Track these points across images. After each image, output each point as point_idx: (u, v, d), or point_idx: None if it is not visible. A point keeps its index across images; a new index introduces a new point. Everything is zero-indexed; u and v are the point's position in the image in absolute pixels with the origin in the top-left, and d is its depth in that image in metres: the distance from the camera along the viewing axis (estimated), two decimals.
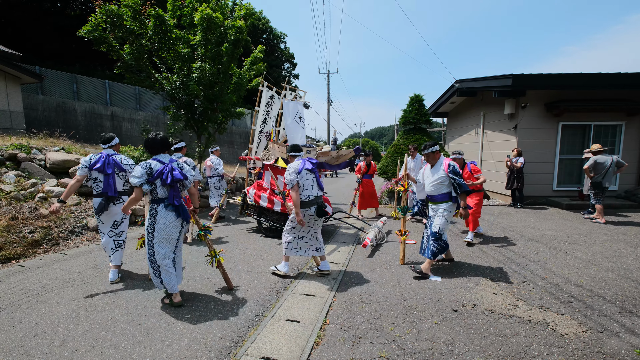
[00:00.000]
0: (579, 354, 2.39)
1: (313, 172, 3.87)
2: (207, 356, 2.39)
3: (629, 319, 2.87)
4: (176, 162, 3.12)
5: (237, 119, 10.88)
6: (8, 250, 4.45)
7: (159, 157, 3.06)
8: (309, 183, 3.82)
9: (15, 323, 2.82)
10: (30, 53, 16.62)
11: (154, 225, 3.01)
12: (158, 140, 3.07)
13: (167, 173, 2.95)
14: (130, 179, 2.95)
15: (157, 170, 2.94)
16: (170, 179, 2.95)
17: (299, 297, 3.37)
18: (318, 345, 2.54)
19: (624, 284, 3.58)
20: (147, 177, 2.92)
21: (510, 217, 7.19)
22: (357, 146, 6.32)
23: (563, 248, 4.92)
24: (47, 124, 12.18)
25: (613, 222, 6.59)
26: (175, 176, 2.99)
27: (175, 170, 3.02)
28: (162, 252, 3.05)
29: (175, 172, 3.01)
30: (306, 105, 7.22)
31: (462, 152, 4.52)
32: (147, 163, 2.96)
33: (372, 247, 5.07)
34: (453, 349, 2.46)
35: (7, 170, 6.21)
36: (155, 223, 3.01)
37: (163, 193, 3.01)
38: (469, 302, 3.20)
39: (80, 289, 3.50)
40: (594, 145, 6.86)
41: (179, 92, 8.54)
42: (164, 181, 2.94)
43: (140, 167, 2.93)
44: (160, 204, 3.01)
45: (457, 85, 10.24)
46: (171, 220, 3.03)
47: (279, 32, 33.29)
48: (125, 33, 7.81)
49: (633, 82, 7.98)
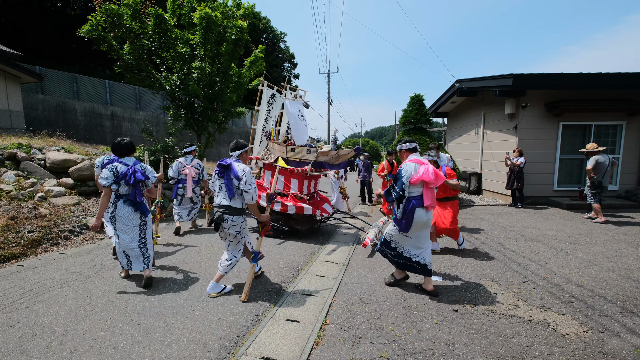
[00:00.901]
0: (580, 354, 2.38)
1: (222, 176, 3.28)
2: (206, 356, 2.38)
3: (630, 319, 2.86)
4: (140, 165, 3.54)
5: (237, 118, 10.88)
6: (7, 249, 4.44)
7: (125, 160, 3.50)
8: (215, 188, 3.38)
9: (14, 323, 2.81)
10: (30, 53, 16.62)
11: (115, 216, 3.47)
12: (123, 144, 3.51)
13: (130, 175, 3.39)
14: (99, 180, 3.38)
15: (122, 172, 3.37)
16: (132, 179, 3.39)
17: (299, 297, 3.36)
18: (318, 345, 2.53)
19: (625, 284, 3.57)
20: (114, 178, 3.33)
21: (510, 217, 7.18)
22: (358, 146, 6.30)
23: (564, 248, 4.91)
24: (47, 123, 12.18)
25: (613, 222, 6.58)
26: (137, 177, 3.42)
27: (137, 172, 3.44)
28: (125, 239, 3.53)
29: (137, 174, 3.43)
30: (306, 105, 7.21)
31: (434, 154, 3.99)
32: (114, 166, 3.37)
33: (372, 247, 5.06)
34: (454, 349, 2.45)
35: (6, 170, 6.20)
36: (115, 214, 3.47)
37: (125, 191, 3.45)
38: (469, 302, 3.18)
39: (79, 289, 3.49)
40: (590, 144, 6.84)
41: (178, 92, 8.53)
42: (127, 181, 3.39)
43: (108, 170, 3.34)
44: (120, 199, 3.46)
45: (458, 85, 10.23)
46: (128, 213, 3.47)
47: (279, 31, 33.31)
48: (125, 32, 7.80)
49: (633, 82, 7.97)
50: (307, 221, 5.80)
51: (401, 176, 3.27)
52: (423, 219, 3.25)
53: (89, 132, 14.17)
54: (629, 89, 8.23)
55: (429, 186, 3.25)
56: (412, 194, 3.29)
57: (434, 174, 3.19)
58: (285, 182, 5.72)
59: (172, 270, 4.08)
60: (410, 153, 3.47)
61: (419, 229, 3.31)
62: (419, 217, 3.23)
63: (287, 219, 5.71)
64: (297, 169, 5.51)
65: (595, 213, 6.66)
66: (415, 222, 3.24)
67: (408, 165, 3.29)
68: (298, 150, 5.70)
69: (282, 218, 5.71)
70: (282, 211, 5.46)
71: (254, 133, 7.59)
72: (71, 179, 6.59)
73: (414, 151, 3.48)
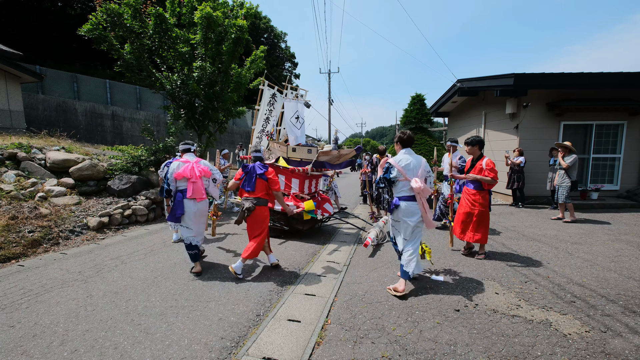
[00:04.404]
0: (582, 354, 2.37)
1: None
2: (207, 356, 2.37)
3: (632, 318, 2.85)
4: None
5: (238, 118, 10.87)
6: (8, 249, 4.43)
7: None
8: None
9: (14, 323, 2.80)
10: (30, 52, 16.62)
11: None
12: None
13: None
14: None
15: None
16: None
17: (300, 297, 3.35)
18: (319, 345, 2.53)
19: (626, 284, 3.56)
20: None
21: (511, 217, 7.17)
22: (359, 145, 6.27)
23: (565, 248, 4.90)
24: (47, 123, 12.18)
25: (614, 222, 6.57)
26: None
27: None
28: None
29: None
30: (307, 105, 7.19)
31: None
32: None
33: (373, 247, 5.05)
34: (455, 349, 2.44)
35: (7, 170, 6.20)
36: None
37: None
38: (471, 302, 3.18)
39: (80, 289, 3.49)
40: (567, 142, 6.76)
41: (179, 92, 8.53)
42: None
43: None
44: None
45: (459, 84, 10.22)
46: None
47: (280, 31, 33.32)
48: (125, 32, 7.79)
49: (635, 82, 7.95)
50: (308, 221, 5.79)
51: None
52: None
53: (90, 132, 14.16)
54: (630, 89, 8.21)
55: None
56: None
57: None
58: (286, 182, 5.71)
59: (171, 269, 4.08)
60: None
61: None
62: None
63: (288, 219, 5.70)
64: (298, 168, 5.50)
65: (571, 212, 6.65)
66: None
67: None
68: (299, 150, 5.70)
69: (283, 218, 5.70)
70: (283, 211, 5.45)
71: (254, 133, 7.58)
72: (72, 179, 6.59)
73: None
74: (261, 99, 7.23)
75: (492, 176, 4.22)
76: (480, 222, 4.33)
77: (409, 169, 3.30)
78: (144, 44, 8.07)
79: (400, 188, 3.37)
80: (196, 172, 3.88)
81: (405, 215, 3.35)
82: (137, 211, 6.50)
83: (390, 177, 3.31)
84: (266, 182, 3.85)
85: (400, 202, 3.36)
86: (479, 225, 4.33)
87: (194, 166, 3.91)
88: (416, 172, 3.31)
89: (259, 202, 3.80)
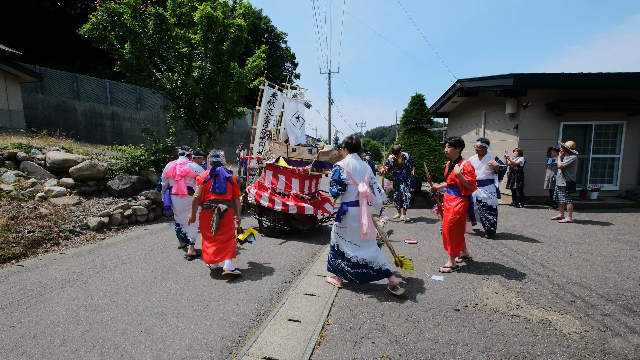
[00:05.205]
0: (582, 353, 2.38)
1: None
2: (208, 356, 2.38)
3: (631, 318, 2.85)
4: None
5: (238, 118, 10.87)
6: (8, 249, 4.43)
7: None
8: None
9: (14, 323, 2.81)
10: (30, 52, 16.60)
11: None
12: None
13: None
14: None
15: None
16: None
17: (301, 297, 3.35)
18: (320, 345, 2.53)
19: (626, 284, 3.57)
20: None
21: (511, 217, 7.18)
22: None
23: (564, 247, 4.91)
24: (47, 123, 12.17)
25: (614, 221, 6.58)
26: None
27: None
28: None
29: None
30: (307, 105, 7.19)
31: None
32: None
33: None
34: (455, 348, 2.44)
35: (6, 170, 6.19)
36: None
37: None
38: (471, 302, 3.18)
39: (80, 289, 3.49)
40: (569, 142, 6.56)
41: (179, 91, 8.52)
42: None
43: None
44: None
45: (459, 85, 10.22)
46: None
47: (280, 31, 33.32)
48: (125, 31, 7.79)
49: (634, 82, 7.96)
50: (308, 221, 5.80)
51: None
52: None
53: (90, 132, 14.15)
54: (630, 89, 8.23)
55: None
56: None
57: None
58: (286, 182, 5.72)
59: (172, 269, 4.08)
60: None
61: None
62: None
63: (289, 219, 5.71)
64: (298, 168, 5.50)
65: (562, 211, 6.65)
66: None
67: None
68: (299, 150, 5.70)
69: (284, 218, 5.70)
70: (284, 211, 5.46)
71: (254, 133, 7.59)
72: (71, 179, 6.59)
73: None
74: (262, 99, 7.24)
75: (469, 179, 3.84)
76: (452, 230, 3.99)
77: (357, 172, 3.35)
78: (144, 44, 8.07)
79: (349, 193, 3.38)
80: (178, 172, 4.57)
81: (354, 221, 3.37)
82: (137, 211, 6.50)
83: (341, 178, 3.32)
84: (232, 186, 4.09)
85: (348, 208, 3.37)
86: (451, 233, 4.00)
87: (177, 167, 4.61)
88: (363, 177, 3.37)
89: (229, 203, 4.03)
